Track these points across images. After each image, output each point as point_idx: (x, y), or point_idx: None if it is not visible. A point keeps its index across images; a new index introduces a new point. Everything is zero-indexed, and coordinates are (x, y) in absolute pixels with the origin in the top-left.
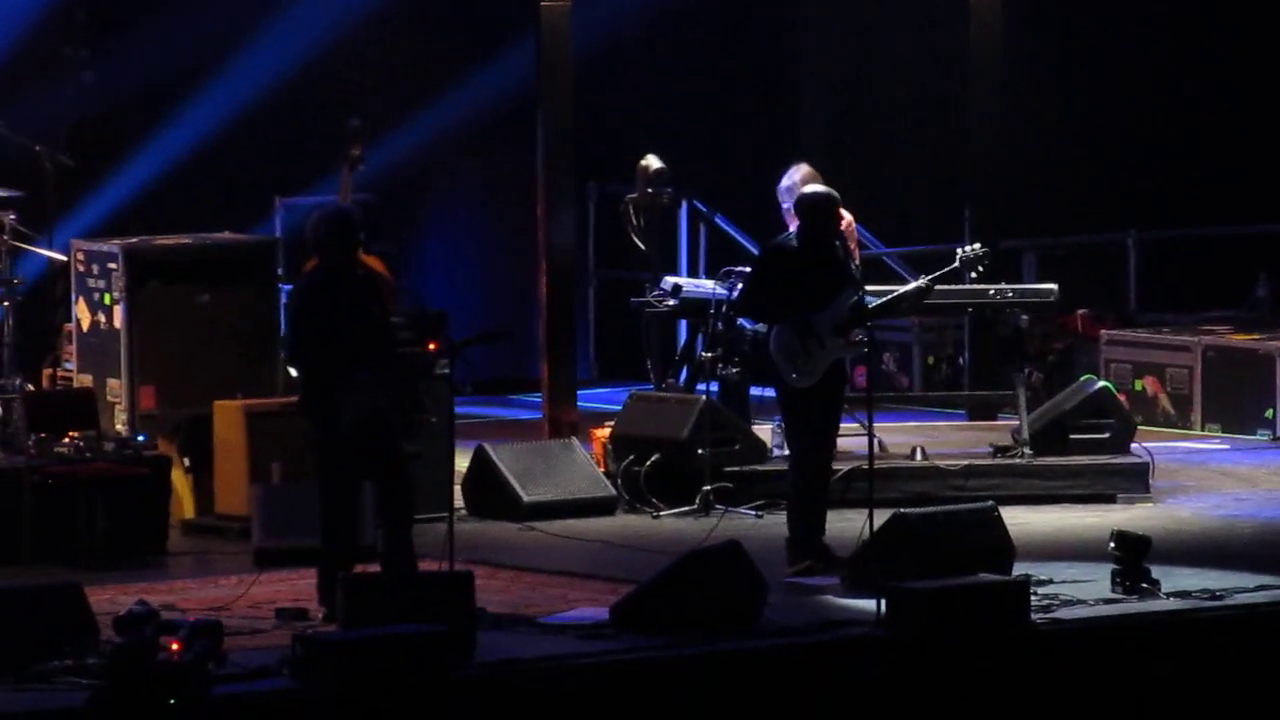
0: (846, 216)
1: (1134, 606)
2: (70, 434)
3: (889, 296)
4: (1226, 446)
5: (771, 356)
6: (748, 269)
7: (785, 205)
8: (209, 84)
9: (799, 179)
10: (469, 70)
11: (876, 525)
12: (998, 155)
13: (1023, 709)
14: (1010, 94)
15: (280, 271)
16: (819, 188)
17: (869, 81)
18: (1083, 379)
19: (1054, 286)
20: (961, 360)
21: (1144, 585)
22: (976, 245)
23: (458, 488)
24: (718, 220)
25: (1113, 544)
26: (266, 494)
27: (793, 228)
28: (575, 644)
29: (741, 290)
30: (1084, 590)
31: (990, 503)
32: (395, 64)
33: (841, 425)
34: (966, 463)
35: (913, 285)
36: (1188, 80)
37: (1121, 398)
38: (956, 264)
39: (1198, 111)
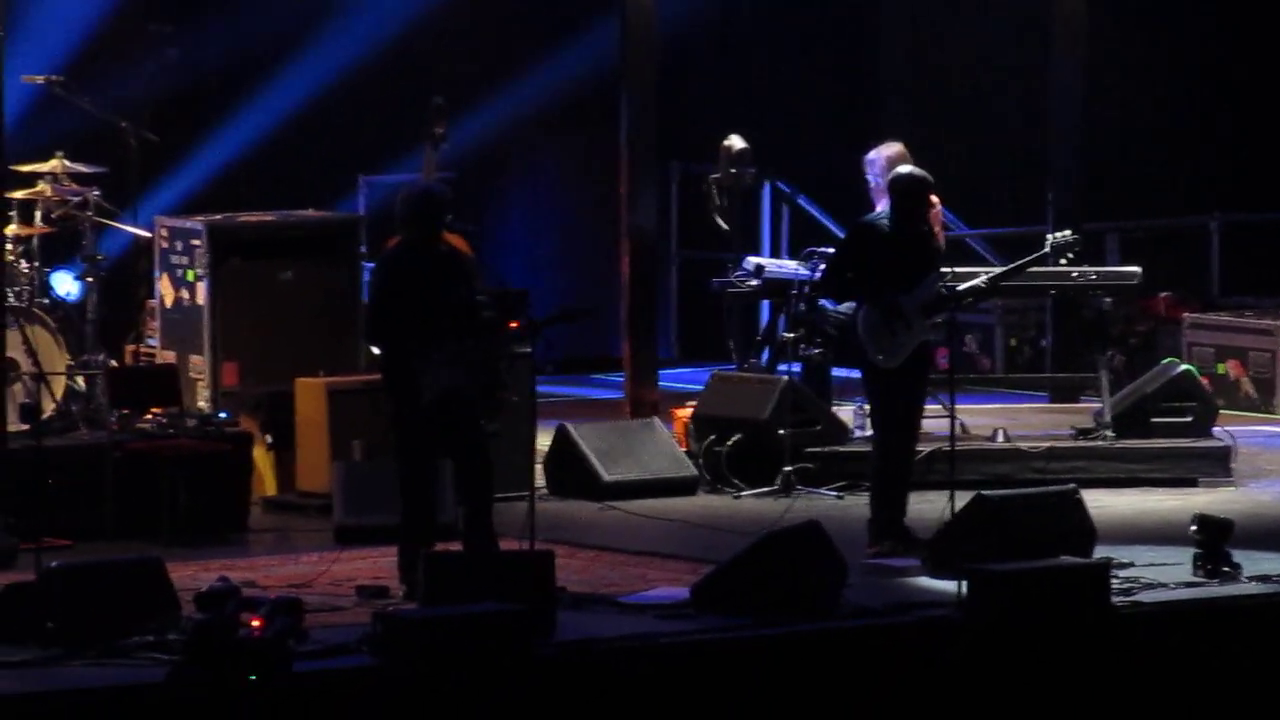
0: (934, 200)
1: (1215, 590)
2: (153, 410)
3: (979, 279)
4: None
5: (858, 337)
6: (830, 249)
7: (870, 178)
8: (293, 61)
9: (889, 155)
10: (552, 49)
11: (958, 507)
12: (1080, 138)
13: (1103, 692)
14: (1093, 76)
15: (363, 249)
16: (913, 169)
17: (951, 62)
18: (1165, 362)
19: (1137, 269)
20: (1044, 342)
21: (1225, 569)
22: (1067, 231)
23: (539, 467)
24: (800, 201)
25: (1194, 527)
26: (348, 471)
27: (879, 204)
28: (654, 624)
29: (826, 268)
30: (1165, 574)
31: (1072, 485)
32: (479, 42)
33: (925, 407)
34: (1048, 445)
35: (1001, 269)
36: (1273, 61)
37: (1204, 381)
38: (1046, 249)
39: None
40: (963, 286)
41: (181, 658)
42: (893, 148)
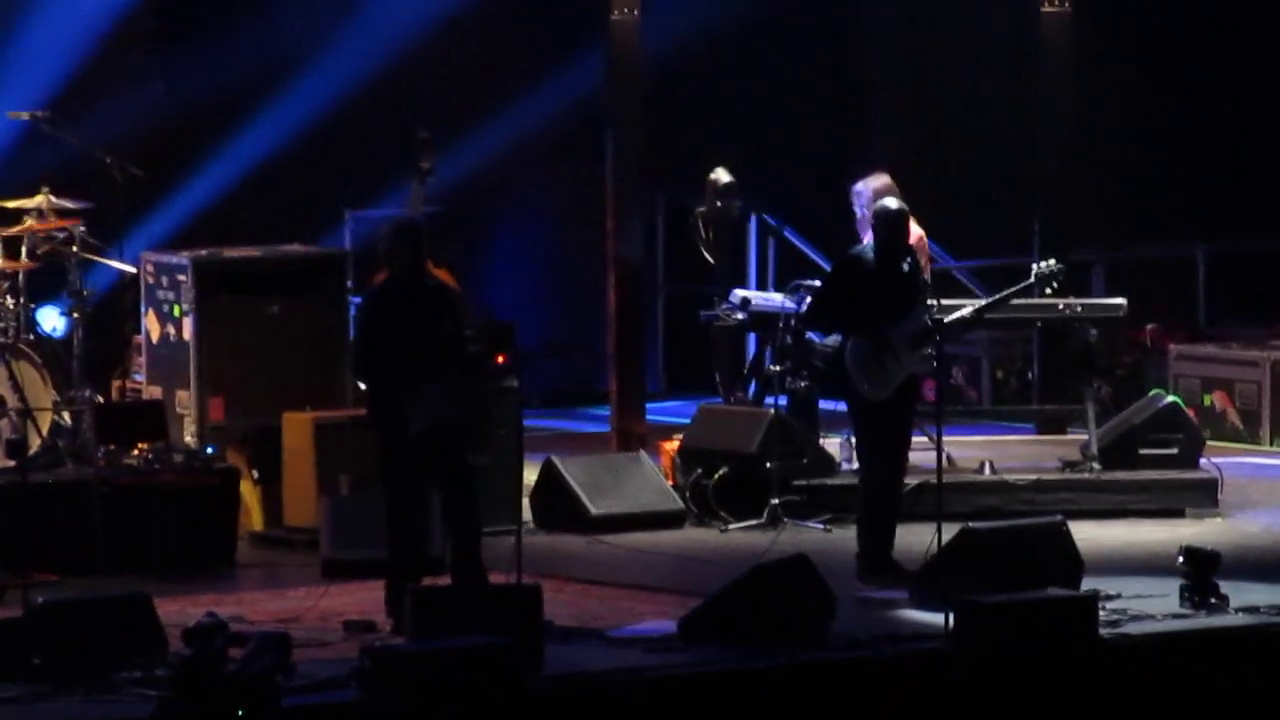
0: (918, 231)
1: (1203, 622)
2: (140, 445)
3: (965, 310)
4: None
5: (846, 370)
6: (816, 282)
7: (857, 209)
8: (279, 96)
9: (875, 187)
10: (538, 82)
11: (945, 539)
12: (1066, 169)
13: None
14: (1079, 108)
15: (350, 284)
16: (893, 202)
17: (938, 95)
18: (1151, 393)
19: (1123, 301)
20: (1030, 374)
21: (1213, 600)
22: (1051, 261)
23: (526, 500)
24: (787, 233)
25: (1181, 559)
26: (335, 506)
27: (865, 235)
28: (643, 657)
29: (812, 301)
30: (1152, 605)
31: (1059, 517)
32: (464, 76)
33: (912, 439)
34: (1035, 477)
35: (986, 300)
36: (1258, 93)
37: (1190, 412)
38: (1031, 280)
39: (1268, 125)
40: (949, 318)
41: (169, 693)
42: (880, 179)
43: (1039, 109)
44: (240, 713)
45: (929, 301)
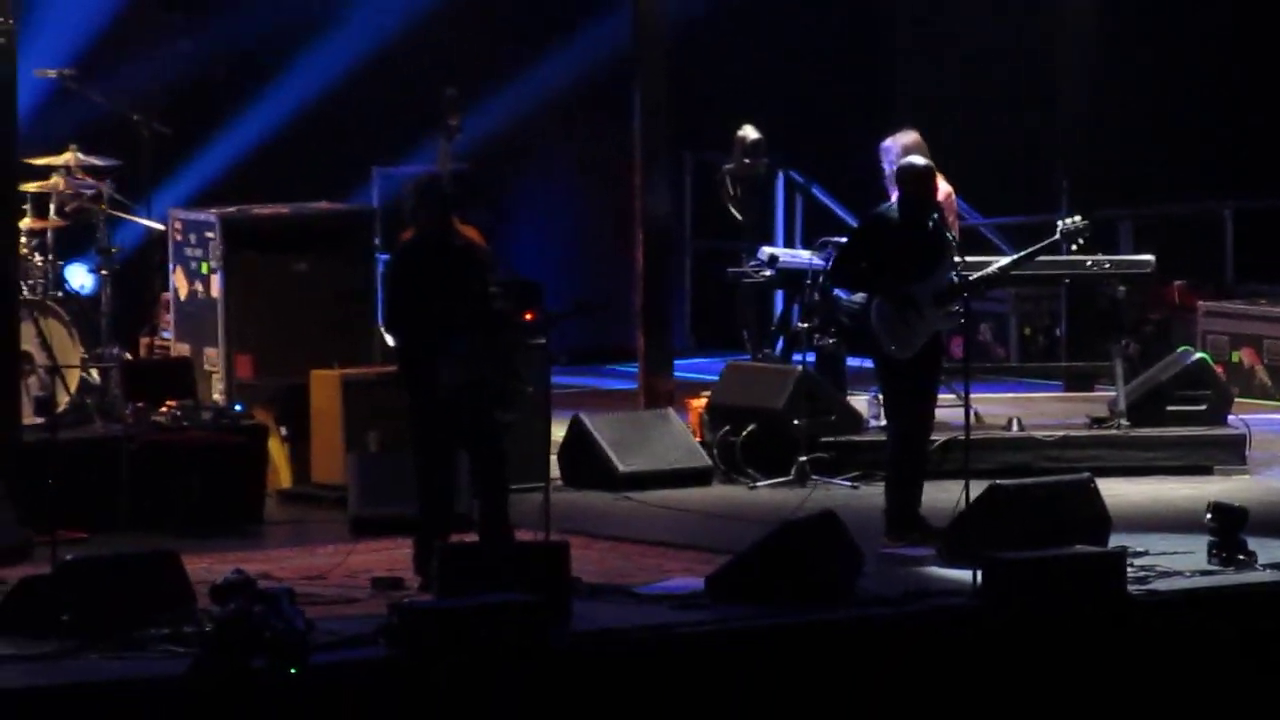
0: (946, 188)
1: (1230, 578)
2: (168, 403)
3: (992, 267)
4: None
5: (871, 328)
6: (844, 239)
7: (885, 165)
8: (306, 53)
9: (904, 144)
10: (566, 39)
11: (973, 496)
12: (1093, 125)
13: (1118, 680)
14: (1106, 64)
15: (377, 241)
16: (918, 159)
17: (965, 52)
18: (1179, 350)
19: (1151, 257)
20: (1058, 331)
21: (1240, 557)
22: (1077, 217)
23: (554, 458)
24: (814, 190)
25: (1209, 515)
26: (363, 463)
27: (894, 192)
28: (670, 614)
29: (836, 258)
30: (1180, 562)
31: (1087, 474)
32: (491, 33)
33: (939, 396)
34: (1063, 434)
35: (1012, 257)
36: None
37: (1218, 369)
38: (1057, 236)
39: None
40: (975, 275)
41: (202, 650)
42: (908, 136)
43: (1065, 65)
44: (293, 670)
45: (955, 259)
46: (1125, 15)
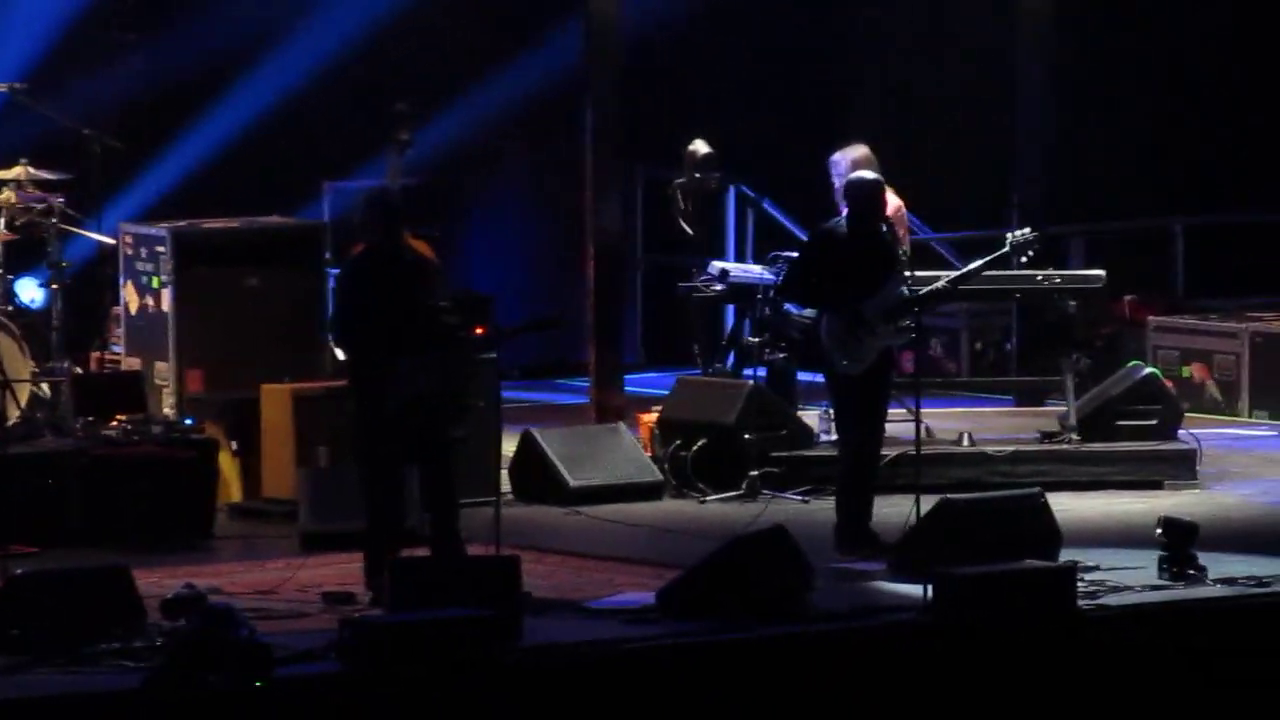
0: (896, 201)
1: (1181, 593)
2: (118, 417)
3: (940, 282)
4: (1273, 433)
5: (821, 343)
6: (795, 254)
7: (835, 179)
8: (257, 68)
9: (853, 158)
10: (517, 53)
11: (924, 511)
12: (1045, 141)
13: (1069, 695)
14: (1058, 79)
15: (327, 255)
16: (867, 174)
17: (919, 66)
18: (1130, 365)
19: (1101, 272)
20: (1009, 346)
21: (1191, 571)
22: (1025, 230)
23: (505, 472)
24: (765, 205)
25: (1160, 530)
26: (313, 477)
27: (843, 207)
28: (621, 628)
29: (786, 273)
30: (1131, 576)
31: (1037, 489)
32: (443, 47)
33: (889, 411)
34: (1013, 448)
35: (960, 271)
36: (1236, 65)
37: (1169, 384)
38: (1006, 249)
39: (1246, 97)
40: (924, 290)
41: (160, 663)
42: (857, 150)
43: (1018, 80)
44: (258, 683)
45: (905, 273)
46: (1079, 32)
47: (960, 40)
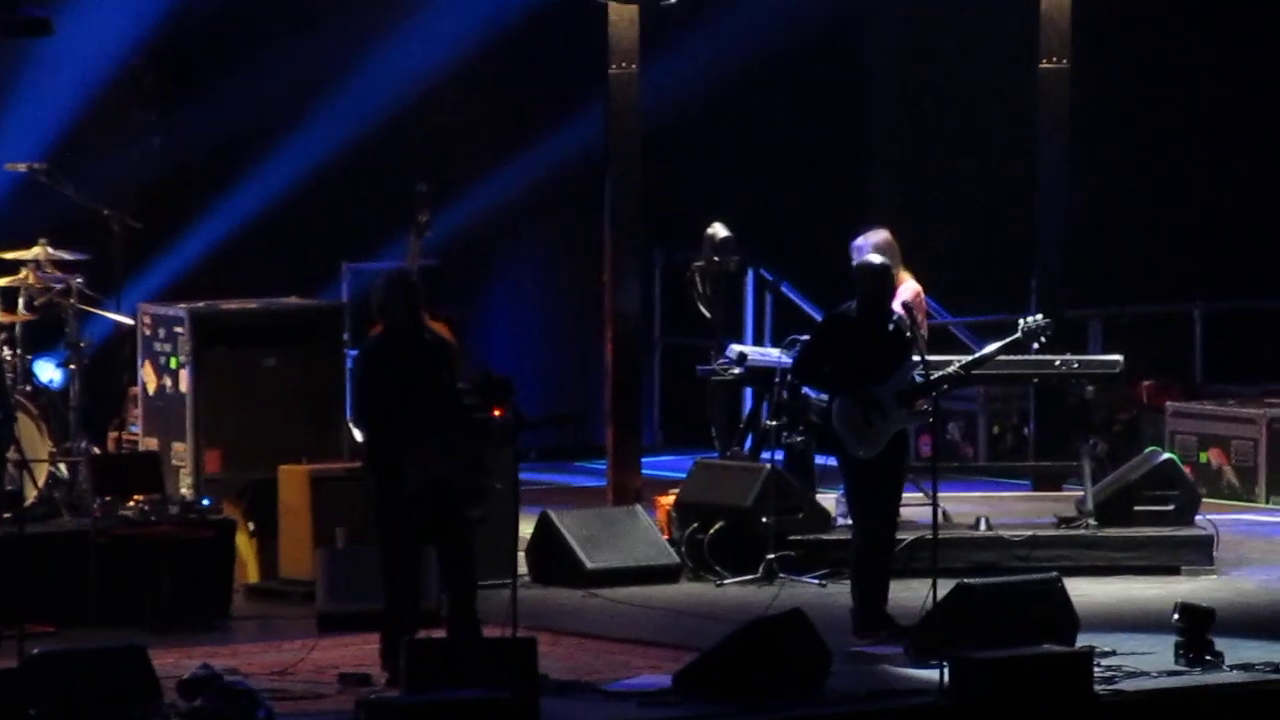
0: (915, 286)
1: (1198, 679)
2: (135, 497)
3: (952, 367)
4: None
5: (833, 427)
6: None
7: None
8: (276, 148)
9: (874, 242)
10: (537, 135)
11: (940, 595)
12: (1064, 225)
13: None
14: (1077, 163)
15: (346, 336)
16: (875, 258)
17: (937, 152)
18: (1148, 450)
19: (1119, 357)
20: (1027, 430)
21: (1208, 657)
22: (1038, 316)
23: (521, 554)
24: (783, 288)
25: (1176, 616)
26: (331, 558)
27: None
28: (638, 711)
29: (797, 357)
30: (1147, 662)
31: (1054, 573)
32: (463, 129)
33: (905, 494)
34: (1031, 533)
35: (974, 356)
36: (1257, 151)
37: (1186, 469)
38: (1019, 335)
39: (1266, 183)
40: (938, 374)
41: None
42: (878, 234)
43: (1037, 165)
44: None
45: (918, 357)
46: (1098, 117)
47: (980, 123)
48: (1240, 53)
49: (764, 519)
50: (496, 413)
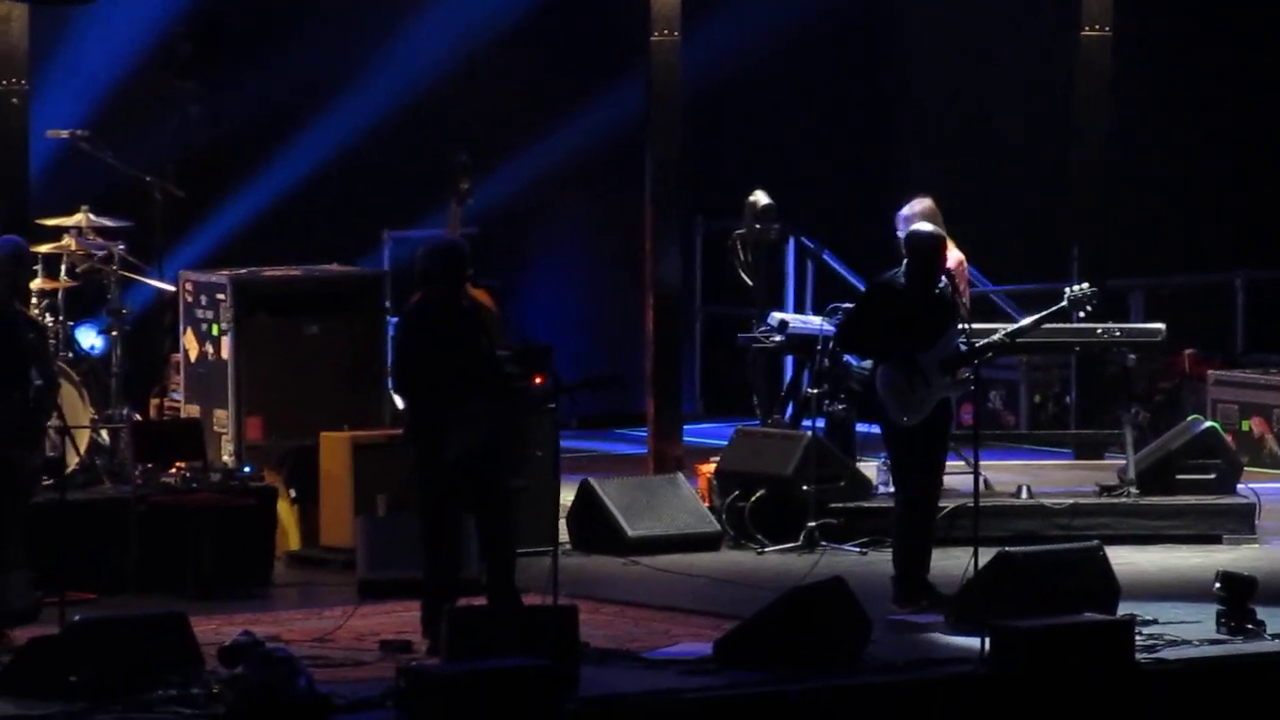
0: (958, 255)
1: (1239, 647)
2: (177, 464)
3: (997, 335)
4: None
5: (878, 394)
6: (851, 305)
7: (900, 233)
8: (318, 117)
9: (916, 212)
10: (578, 104)
11: (981, 563)
12: (1106, 194)
13: None
14: (1118, 132)
15: (387, 304)
16: (926, 227)
17: (979, 119)
18: (1189, 419)
19: (1161, 326)
20: (1068, 399)
21: (1249, 626)
22: (1084, 285)
23: (563, 522)
24: (825, 256)
25: (1218, 584)
26: (372, 526)
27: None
28: (678, 679)
29: (842, 324)
30: (1189, 630)
31: (1095, 542)
32: (504, 98)
33: (947, 463)
34: (1072, 501)
35: (1018, 324)
36: None
37: (1228, 438)
38: (1064, 303)
39: None
40: (981, 342)
41: (213, 711)
42: (922, 203)
43: (1078, 133)
44: None
45: (962, 326)
46: (1139, 85)
47: (1021, 91)
48: None
49: (804, 487)
50: (537, 380)
